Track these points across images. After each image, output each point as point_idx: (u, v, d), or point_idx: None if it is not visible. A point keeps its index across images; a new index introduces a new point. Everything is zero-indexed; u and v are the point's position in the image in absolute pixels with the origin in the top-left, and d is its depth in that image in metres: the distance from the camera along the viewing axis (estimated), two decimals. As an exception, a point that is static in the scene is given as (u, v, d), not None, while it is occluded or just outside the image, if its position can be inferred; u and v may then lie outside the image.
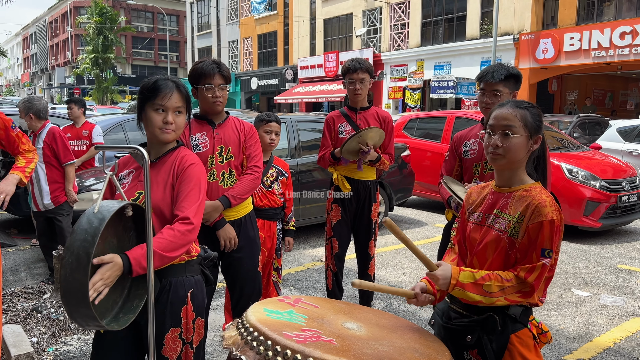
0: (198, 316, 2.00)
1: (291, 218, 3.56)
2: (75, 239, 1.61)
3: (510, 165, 1.73)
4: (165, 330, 1.92)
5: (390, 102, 21.43)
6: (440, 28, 19.86)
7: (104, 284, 1.65)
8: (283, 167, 3.46)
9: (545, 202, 1.64)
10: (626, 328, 3.86)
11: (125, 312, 1.81)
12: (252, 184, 2.77)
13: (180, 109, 1.97)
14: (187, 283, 1.97)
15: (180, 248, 1.82)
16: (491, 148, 1.73)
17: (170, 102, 1.93)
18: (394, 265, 5.31)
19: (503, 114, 1.73)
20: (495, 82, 2.58)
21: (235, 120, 2.84)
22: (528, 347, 1.71)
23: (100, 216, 1.64)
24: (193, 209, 1.87)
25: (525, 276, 1.62)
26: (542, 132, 1.75)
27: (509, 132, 1.70)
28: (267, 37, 28.94)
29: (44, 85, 58.05)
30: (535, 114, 1.74)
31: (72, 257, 1.59)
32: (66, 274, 1.59)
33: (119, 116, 7.25)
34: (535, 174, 1.79)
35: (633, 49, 14.23)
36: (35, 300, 4.16)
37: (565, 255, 5.72)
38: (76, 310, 1.62)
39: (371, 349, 1.49)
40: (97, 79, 38.26)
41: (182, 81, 2.04)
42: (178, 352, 1.94)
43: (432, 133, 8.22)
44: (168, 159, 1.99)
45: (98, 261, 1.65)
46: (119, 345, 1.95)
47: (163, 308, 1.92)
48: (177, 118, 1.96)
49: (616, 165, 6.90)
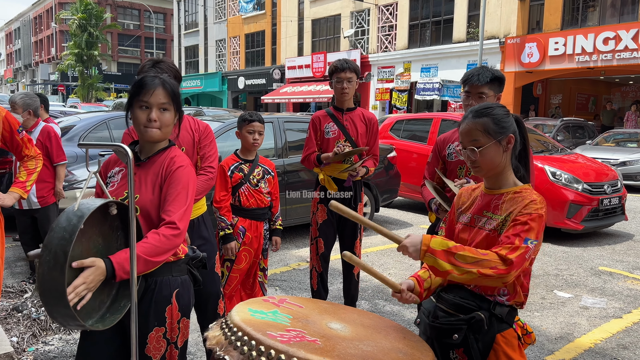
0: (184, 316, 1.98)
1: (278, 217, 3.55)
2: (53, 237, 1.58)
3: (491, 172, 1.75)
4: (149, 330, 1.90)
5: (377, 104, 21.50)
6: (427, 30, 19.99)
7: (86, 288, 1.63)
8: (269, 166, 3.45)
9: (536, 201, 1.67)
10: (606, 329, 3.91)
11: (112, 313, 1.78)
12: (206, 184, 2.73)
13: (166, 105, 1.92)
14: (173, 283, 1.94)
15: (166, 253, 1.80)
16: (468, 162, 1.76)
17: (153, 98, 1.89)
18: (379, 266, 5.33)
19: (464, 130, 1.75)
20: (481, 85, 2.60)
21: (190, 120, 2.79)
22: (513, 347, 1.73)
23: (80, 214, 1.61)
24: (179, 214, 1.84)
25: (507, 254, 1.58)
26: (512, 131, 1.73)
27: (475, 147, 1.71)
28: (255, 36, 28.85)
29: (27, 82, 57.21)
30: (498, 117, 1.72)
31: (49, 255, 1.56)
32: (44, 272, 1.57)
33: (103, 114, 7.17)
34: (523, 168, 1.80)
35: (616, 54, 14.47)
36: (15, 299, 4.09)
37: (548, 257, 5.79)
38: (56, 310, 1.60)
39: (355, 349, 1.49)
40: (82, 76, 37.79)
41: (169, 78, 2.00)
42: (162, 351, 1.92)
43: (418, 135, 8.26)
44: (158, 159, 1.95)
45: (78, 265, 1.62)
46: (104, 345, 1.92)
47: (147, 307, 1.90)
48: (163, 115, 1.92)
49: (598, 168, 7.01)
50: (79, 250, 1.67)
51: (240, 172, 3.29)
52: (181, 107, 2.05)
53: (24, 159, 3.10)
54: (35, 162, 3.11)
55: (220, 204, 3.24)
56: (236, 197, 3.30)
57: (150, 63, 2.61)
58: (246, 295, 3.47)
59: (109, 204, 1.74)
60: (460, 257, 1.58)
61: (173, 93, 1.95)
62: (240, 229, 3.31)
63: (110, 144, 1.77)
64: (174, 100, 1.96)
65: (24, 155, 3.08)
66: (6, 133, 2.93)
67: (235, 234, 3.30)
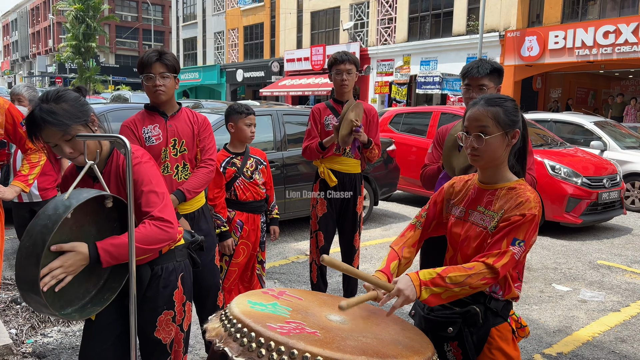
0: (187, 300, 2.06)
1: (274, 207, 3.52)
2: (37, 223, 1.57)
3: (490, 164, 1.71)
4: (158, 313, 1.95)
5: (377, 97, 21.45)
6: (427, 23, 19.90)
7: (64, 272, 1.62)
8: (260, 156, 3.41)
9: (529, 199, 1.64)
10: (605, 322, 3.92)
11: (95, 304, 1.77)
12: (206, 177, 2.74)
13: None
14: (178, 267, 2.03)
15: (160, 243, 1.82)
16: (469, 149, 1.71)
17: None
18: (378, 259, 5.33)
19: (475, 114, 1.70)
20: (481, 77, 2.59)
21: (188, 112, 2.78)
22: (507, 340, 1.73)
23: (68, 204, 1.60)
24: (168, 212, 1.87)
25: (494, 262, 1.59)
26: (519, 126, 1.71)
27: (483, 134, 1.67)
28: (254, 28, 28.71)
29: (24, 74, 56.94)
30: (509, 109, 1.69)
31: (29, 241, 1.55)
32: (21, 257, 1.56)
33: (101, 106, 7.13)
34: (518, 166, 1.77)
35: (616, 48, 14.42)
36: (14, 291, 4.09)
37: (546, 251, 5.80)
38: (28, 296, 1.58)
39: (355, 340, 1.49)
40: (80, 68, 37.62)
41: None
42: (172, 335, 1.99)
43: (417, 128, 8.24)
44: (112, 163, 1.93)
45: (56, 248, 1.61)
46: (108, 329, 1.94)
47: (155, 292, 1.95)
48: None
49: (597, 162, 7.01)
50: (67, 238, 1.65)
51: (233, 166, 3.26)
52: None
53: (27, 152, 3.08)
54: (38, 156, 3.09)
55: (214, 201, 3.19)
56: (232, 192, 3.27)
57: (156, 53, 2.61)
58: (244, 288, 3.46)
59: (105, 196, 1.73)
60: (450, 279, 1.59)
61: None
62: (238, 222, 3.30)
63: (108, 135, 1.76)
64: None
65: (27, 148, 3.06)
66: (9, 125, 2.91)
67: (233, 227, 3.28)
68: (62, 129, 1.72)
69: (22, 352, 3.14)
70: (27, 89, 4.36)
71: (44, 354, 3.14)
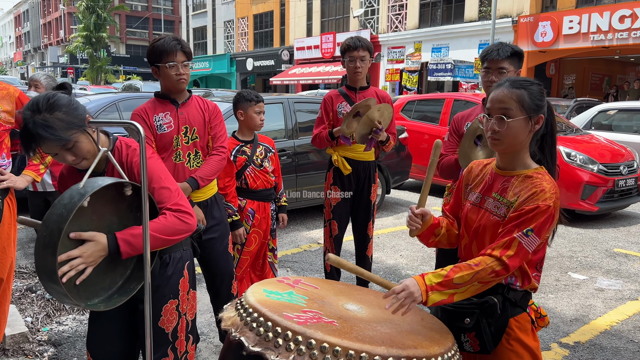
0: (191, 288, 2.06)
1: (282, 194, 3.50)
2: (53, 212, 1.56)
3: (510, 149, 1.65)
4: (164, 302, 1.95)
5: (387, 85, 21.27)
6: (438, 10, 19.64)
7: (83, 262, 1.60)
8: (269, 144, 3.39)
9: (545, 189, 1.57)
10: (622, 311, 3.86)
11: (121, 294, 1.76)
12: (219, 164, 2.73)
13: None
14: (185, 256, 2.03)
15: (180, 234, 1.82)
16: (489, 132, 1.65)
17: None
18: (390, 248, 5.30)
19: (498, 96, 1.64)
20: (501, 60, 2.52)
21: (198, 99, 2.77)
22: (526, 331, 1.69)
23: (83, 192, 1.58)
24: (185, 203, 1.87)
25: (500, 254, 1.55)
26: (543, 112, 1.64)
27: (505, 116, 1.61)
28: (263, 17, 28.55)
29: (36, 64, 57.31)
30: (534, 93, 1.63)
31: (46, 231, 1.54)
32: (39, 247, 1.55)
33: (113, 95, 7.14)
34: (540, 154, 1.70)
35: (632, 32, 14.13)
36: (29, 280, 4.12)
37: (562, 239, 5.73)
38: (49, 286, 1.57)
39: (373, 330, 1.46)
40: (91, 59, 37.75)
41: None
42: (174, 324, 1.98)
43: (429, 115, 8.15)
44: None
45: (75, 236, 1.59)
46: (115, 317, 1.94)
47: (163, 281, 1.94)
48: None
49: (614, 149, 6.88)
50: (87, 228, 1.64)
51: (243, 154, 3.23)
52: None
53: None
54: None
55: (225, 190, 3.16)
56: (242, 180, 3.25)
57: (177, 41, 2.59)
58: (256, 277, 3.45)
59: (124, 183, 1.71)
60: (458, 279, 1.54)
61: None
62: (250, 211, 3.28)
63: (121, 122, 1.74)
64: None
65: None
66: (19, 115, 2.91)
67: (245, 216, 3.27)
68: (61, 143, 1.66)
69: (37, 340, 3.16)
70: (46, 77, 4.45)
71: (60, 342, 3.16)
